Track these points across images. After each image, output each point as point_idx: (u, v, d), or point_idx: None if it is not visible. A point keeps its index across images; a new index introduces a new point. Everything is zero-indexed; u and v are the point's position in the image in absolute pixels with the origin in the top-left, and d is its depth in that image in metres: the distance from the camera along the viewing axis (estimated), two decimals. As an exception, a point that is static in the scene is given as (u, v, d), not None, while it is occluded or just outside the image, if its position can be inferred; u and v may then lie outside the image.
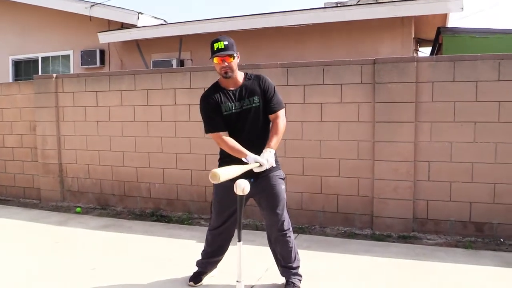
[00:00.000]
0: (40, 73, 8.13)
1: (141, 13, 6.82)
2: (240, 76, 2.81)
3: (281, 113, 2.82)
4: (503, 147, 4.06)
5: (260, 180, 2.76)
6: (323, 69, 4.52)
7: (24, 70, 8.52)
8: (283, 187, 2.88)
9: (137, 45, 7.15)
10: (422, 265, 3.44)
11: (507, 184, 4.08)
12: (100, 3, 6.98)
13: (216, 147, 4.88)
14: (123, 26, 7.23)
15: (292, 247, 2.94)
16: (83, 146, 5.73)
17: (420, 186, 4.31)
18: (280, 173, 2.88)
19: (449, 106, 4.17)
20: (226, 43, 2.65)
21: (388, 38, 5.81)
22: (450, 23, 7.21)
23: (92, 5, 7.01)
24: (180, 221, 4.94)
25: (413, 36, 5.87)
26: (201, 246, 3.99)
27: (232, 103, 2.74)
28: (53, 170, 5.90)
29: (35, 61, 8.47)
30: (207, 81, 4.98)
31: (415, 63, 4.20)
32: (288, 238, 2.89)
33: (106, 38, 7.11)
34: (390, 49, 5.74)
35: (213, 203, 2.95)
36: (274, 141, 2.68)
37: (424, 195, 4.32)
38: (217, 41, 2.66)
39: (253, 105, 2.76)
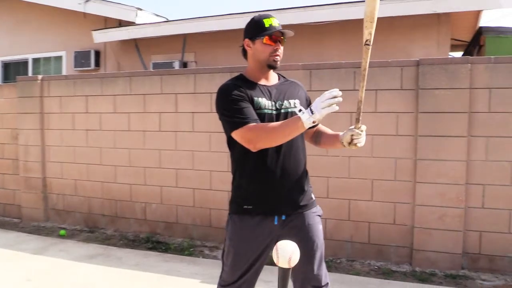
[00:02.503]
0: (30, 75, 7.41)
1: (140, 9, 6.10)
2: (273, 73, 2.07)
3: None
4: None
5: (292, 218, 2.00)
6: (354, 71, 3.78)
7: (13, 72, 7.79)
8: (321, 227, 2.11)
9: (136, 45, 6.42)
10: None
11: None
12: (94, -2, 6.27)
13: (224, 161, 4.24)
14: (121, 24, 6.52)
15: None
16: (70, 159, 4.98)
17: (472, 214, 3.55)
18: (317, 209, 2.09)
19: (510, 118, 3.41)
20: (279, 21, 1.93)
21: (422, 38, 5.06)
22: (482, 24, 6.45)
23: (86, 0, 6.30)
24: (180, 250, 4.18)
25: (450, 36, 5.13)
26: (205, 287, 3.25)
27: (269, 101, 1.93)
28: (36, 185, 5.15)
29: (25, 63, 7.76)
30: (214, 84, 4.27)
31: (469, 65, 3.46)
32: None
33: (101, 37, 6.39)
34: (423, 51, 4.99)
35: (227, 253, 2.05)
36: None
37: (476, 225, 3.55)
38: (267, 16, 1.92)
39: (295, 109, 1.90)
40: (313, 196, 2.07)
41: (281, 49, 1.95)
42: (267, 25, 1.91)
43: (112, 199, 4.80)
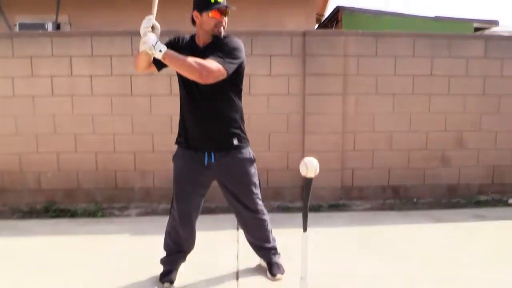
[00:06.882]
0: None
1: (2, -39, 5.41)
2: (212, 37, 2.37)
3: (212, 62, 2.12)
4: (416, 116, 4.49)
5: (221, 156, 2.40)
6: (252, 39, 4.27)
7: None
8: (253, 170, 2.51)
9: (-4, 2, 5.69)
10: (378, 230, 3.61)
11: (418, 150, 4.54)
12: None
13: (128, 124, 4.32)
14: (-32, -24, 5.65)
15: (268, 229, 2.72)
16: None
17: (346, 155, 4.49)
18: (246, 151, 2.47)
19: (372, 79, 4.39)
20: None
21: (294, 12, 5.82)
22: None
23: None
24: (88, 214, 4.17)
25: (315, 12, 6.02)
26: (138, 239, 3.47)
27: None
28: None
29: None
30: (114, 47, 4.27)
31: (343, 37, 4.28)
32: (262, 222, 2.65)
33: None
34: (294, 24, 5.77)
35: (173, 184, 2.49)
36: (180, 56, 2.10)
37: (350, 164, 4.51)
38: None
39: None
40: (242, 142, 2.45)
41: (225, 20, 2.30)
42: (212, 1, 2.23)
43: (-3, 172, 4.40)
